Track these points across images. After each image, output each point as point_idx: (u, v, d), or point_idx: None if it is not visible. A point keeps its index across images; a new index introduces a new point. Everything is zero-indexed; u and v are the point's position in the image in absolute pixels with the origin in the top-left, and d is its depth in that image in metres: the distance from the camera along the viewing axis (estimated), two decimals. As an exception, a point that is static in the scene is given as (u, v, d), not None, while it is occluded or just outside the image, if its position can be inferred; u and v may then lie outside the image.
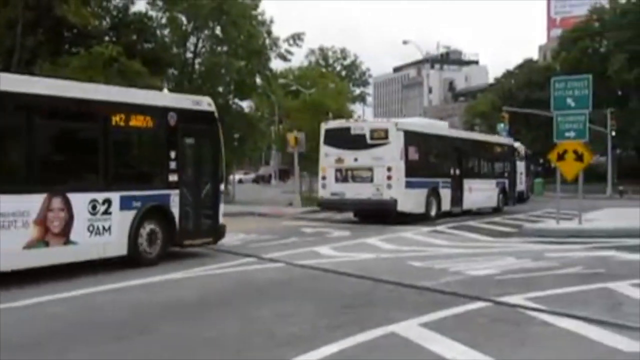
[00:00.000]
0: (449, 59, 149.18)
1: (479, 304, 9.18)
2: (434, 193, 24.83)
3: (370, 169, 23.04)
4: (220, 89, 45.88)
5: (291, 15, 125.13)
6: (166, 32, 45.56)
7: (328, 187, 24.04)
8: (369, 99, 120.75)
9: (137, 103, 13.82)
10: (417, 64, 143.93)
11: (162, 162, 14.16)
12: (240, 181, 59.90)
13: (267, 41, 46.59)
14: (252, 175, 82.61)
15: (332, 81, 67.40)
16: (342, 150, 23.64)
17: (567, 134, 20.45)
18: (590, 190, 31.73)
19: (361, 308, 9.20)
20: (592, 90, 20.53)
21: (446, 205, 25.72)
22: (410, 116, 64.92)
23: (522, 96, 66.98)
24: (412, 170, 23.43)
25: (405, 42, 71.34)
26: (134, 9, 43.58)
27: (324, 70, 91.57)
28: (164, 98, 15.00)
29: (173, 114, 14.30)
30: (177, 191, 14.24)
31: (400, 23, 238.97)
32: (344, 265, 13.15)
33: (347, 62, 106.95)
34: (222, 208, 15.49)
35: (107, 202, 12.74)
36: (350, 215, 26.27)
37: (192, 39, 45.37)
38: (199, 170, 15.25)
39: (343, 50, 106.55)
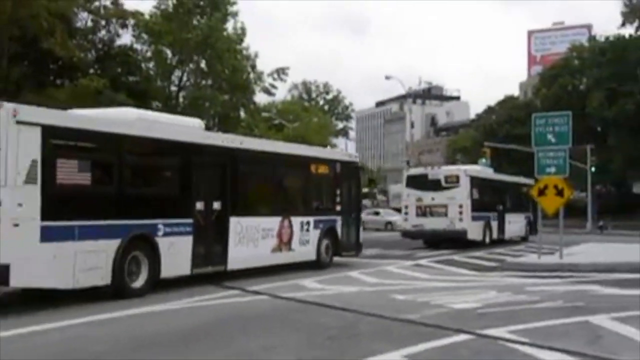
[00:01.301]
0: (430, 94, 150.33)
1: (462, 337, 9.28)
2: (488, 224, 30.53)
3: (445, 206, 28.70)
4: (204, 122, 46.08)
5: (274, 50, 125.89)
6: (151, 65, 45.91)
7: (409, 220, 29.83)
8: (352, 133, 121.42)
9: (322, 157, 21.07)
10: (400, 98, 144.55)
11: (332, 197, 20.63)
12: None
13: (252, 75, 47.10)
14: None
15: (316, 115, 67.75)
16: (421, 192, 29.38)
17: (547, 170, 20.75)
18: (571, 225, 32.29)
19: (346, 340, 9.30)
20: (572, 127, 20.89)
21: (494, 235, 31.09)
22: (392, 151, 65.04)
23: (503, 131, 67.55)
24: (475, 206, 28.98)
25: (387, 77, 71.85)
26: (120, 42, 43.96)
27: (307, 104, 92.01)
28: (333, 153, 23.84)
29: (338, 164, 20.92)
30: (339, 217, 20.53)
31: (382, 58, 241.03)
32: (328, 298, 13.24)
33: (330, 96, 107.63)
34: (362, 231, 22.07)
35: (308, 223, 19.15)
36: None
37: (177, 72, 45.80)
38: (349, 203, 21.20)
39: (326, 85, 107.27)
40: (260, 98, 54.55)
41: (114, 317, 11.23)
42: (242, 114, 48.21)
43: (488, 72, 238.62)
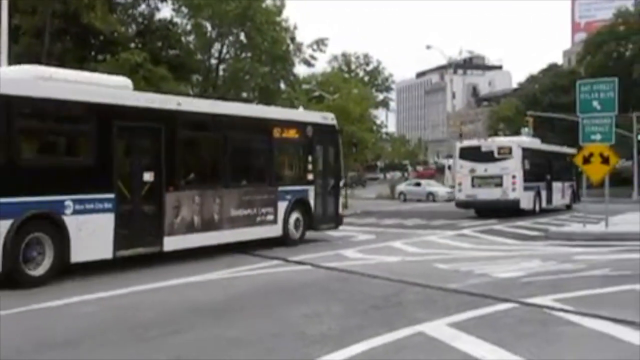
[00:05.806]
0: (472, 64, 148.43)
1: (507, 305, 9.21)
2: (539, 193, 31.73)
3: (499, 177, 29.60)
4: (245, 95, 46.17)
5: (313, 21, 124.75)
6: (191, 38, 45.95)
7: (463, 191, 30.65)
8: (392, 105, 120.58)
9: None
10: (440, 69, 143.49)
11: None
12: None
13: (291, 47, 46.85)
14: None
15: (356, 87, 67.29)
16: (474, 163, 30.20)
17: (592, 137, 20.40)
18: (615, 194, 31.65)
19: (389, 309, 9.28)
20: (617, 94, 20.45)
21: (544, 203, 32.23)
22: (433, 122, 64.39)
23: (546, 100, 66.31)
24: (526, 176, 30.06)
25: (428, 47, 72.11)
26: (159, 16, 44.05)
27: (346, 75, 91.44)
28: None
29: None
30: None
31: (423, 28, 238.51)
32: (371, 268, 13.24)
33: (370, 67, 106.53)
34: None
35: None
36: (374, 219, 26.66)
37: (217, 45, 45.71)
38: None
39: (366, 56, 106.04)
40: (301, 70, 54.45)
41: (149, 288, 11.39)
42: (283, 86, 48.16)
43: (531, 40, 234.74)
